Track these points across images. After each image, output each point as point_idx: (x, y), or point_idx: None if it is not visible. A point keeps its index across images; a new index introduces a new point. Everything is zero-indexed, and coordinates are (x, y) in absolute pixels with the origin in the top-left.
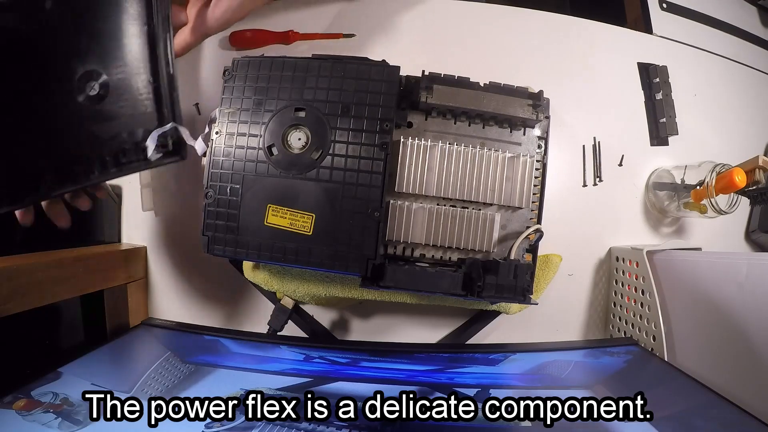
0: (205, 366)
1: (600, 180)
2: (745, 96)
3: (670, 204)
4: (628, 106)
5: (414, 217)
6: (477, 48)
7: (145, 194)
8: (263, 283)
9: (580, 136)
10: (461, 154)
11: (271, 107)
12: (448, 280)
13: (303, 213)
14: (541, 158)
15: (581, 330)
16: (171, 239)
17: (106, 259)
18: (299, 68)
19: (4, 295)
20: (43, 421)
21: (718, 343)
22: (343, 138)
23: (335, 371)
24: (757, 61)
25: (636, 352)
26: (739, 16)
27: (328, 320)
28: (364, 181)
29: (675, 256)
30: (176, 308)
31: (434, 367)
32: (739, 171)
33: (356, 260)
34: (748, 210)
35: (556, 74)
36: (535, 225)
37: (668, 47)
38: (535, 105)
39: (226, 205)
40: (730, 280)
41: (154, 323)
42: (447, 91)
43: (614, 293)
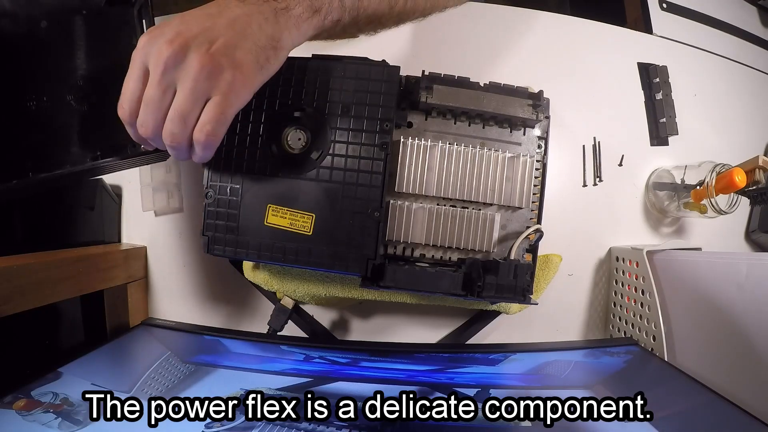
0: (205, 366)
1: (600, 180)
2: (745, 96)
3: (670, 204)
4: (628, 106)
5: (414, 217)
6: (477, 48)
7: (145, 194)
8: (263, 283)
9: (580, 136)
10: (461, 154)
11: (271, 107)
12: (448, 280)
13: (303, 213)
14: (541, 158)
15: (581, 330)
16: (171, 239)
17: (106, 259)
18: (299, 68)
19: (4, 295)
20: (43, 421)
21: (718, 343)
22: (343, 138)
23: (335, 371)
24: (757, 61)
25: (636, 352)
26: (739, 16)
27: (328, 320)
28: (364, 181)
29: (675, 256)
30: (176, 308)
31: (434, 367)
32: (739, 171)
33: (356, 260)
34: (748, 210)
35: (556, 74)
36: (535, 225)
37: (668, 47)
38: (535, 105)
39: (226, 205)
40: (730, 280)
41: (154, 323)
42: (447, 91)
43: (614, 293)
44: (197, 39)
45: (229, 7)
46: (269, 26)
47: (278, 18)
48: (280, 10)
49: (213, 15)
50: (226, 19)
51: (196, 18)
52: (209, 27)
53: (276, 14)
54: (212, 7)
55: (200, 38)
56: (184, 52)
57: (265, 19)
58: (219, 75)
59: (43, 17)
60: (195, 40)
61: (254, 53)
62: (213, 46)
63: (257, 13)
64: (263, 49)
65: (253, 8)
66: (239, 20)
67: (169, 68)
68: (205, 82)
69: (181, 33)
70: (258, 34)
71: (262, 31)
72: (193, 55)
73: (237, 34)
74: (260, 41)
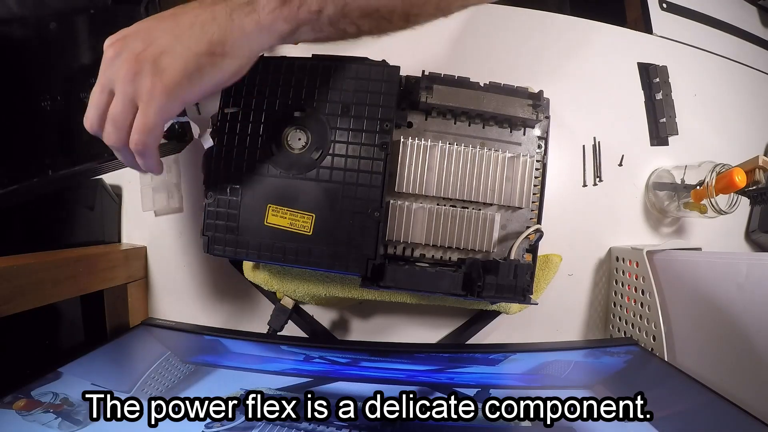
0: (205, 366)
1: (600, 180)
2: (745, 96)
3: (670, 204)
4: (628, 106)
5: (414, 217)
6: (477, 48)
7: (145, 194)
8: (263, 283)
9: (580, 136)
10: (461, 154)
11: (271, 107)
12: (448, 280)
13: (303, 213)
14: (541, 158)
15: (581, 330)
16: (171, 239)
17: (106, 259)
18: (299, 68)
19: (4, 295)
20: (43, 421)
21: (718, 343)
22: (343, 138)
23: (335, 371)
24: (757, 61)
25: (636, 352)
26: (739, 16)
27: (328, 320)
28: (364, 181)
29: (675, 256)
30: (176, 308)
31: (434, 367)
32: (739, 171)
33: (356, 260)
34: (748, 210)
35: (556, 74)
36: (535, 225)
37: (668, 47)
38: (535, 105)
39: (226, 205)
40: (730, 280)
41: (154, 323)
42: (447, 91)
43: (614, 293)
44: (133, 41)
45: (184, 9)
46: (215, 29)
47: (232, 19)
48: (239, 7)
49: (164, 18)
50: (171, 21)
51: (147, 21)
52: (148, 29)
53: (230, 15)
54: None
55: (136, 41)
56: (118, 53)
57: (212, 21)
58: (139, 80)
59: (52, 19)
60: (131, 43)
61: (184, 59)
62: (145, 49)
63: (207, 15)
64: (197, 56)
65: (205, 10)
66: (182, 23)
67: (106, 69)
68: (129, 85)
69: (124, 36)
70: (197, 38)
71: (204, 34)
72: (123, 56)
73: (172, 38)
74: (197, 47)
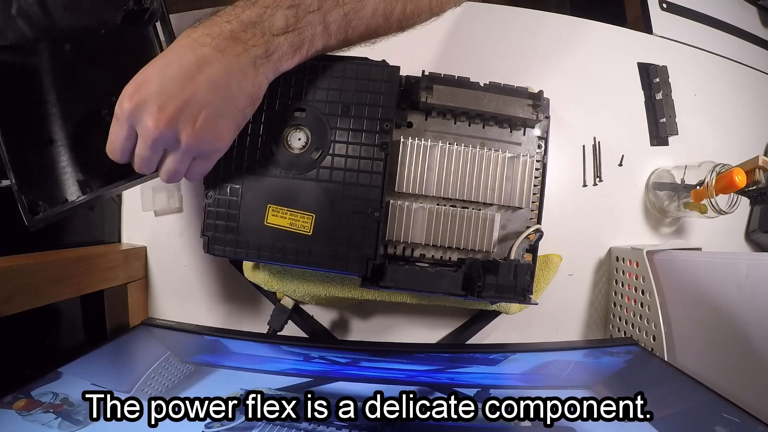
0: (205, 366)
1: (600, 180)
2: (745, 96)
3: (670, 204)
4: (628, 106)
5: (414, 217)
6: (477, 48)
7: (145, 194)
8: (263, 283)
9: (580, 136)
10: (461, 154)
11: (271, 107)
12: (448, 280)
13: (303, 213)
14: (541, 158)
15: (581, 330)
16: (171, 239)
17: (106, 259)
18: (299, 68)
19: (4, 295)
20: (43, 421)
21: (718, 343)
22: (343, 138)
23: (335, 371)
24: (757, 61)
25: (636, 352)
26: (739, 16)
27: (328, 320)
28: (364, 181)
29: (675, 256)
30: (176, 308)
31: (434, 367)
32: (739, 171)
33: (356, 260)
34: (748, 210)
35: (556, 74)
36: (535, 225)
37: (668, 47)
38: (535, 105)
39: (226, 205)
40: (730, 280)
41: (154, 323)
42: (447, 91)
43: (614, 293)
44: (183, 114)
45: (207, 61)
46: (248, 83)
47: (257, 69)
48: (259, 58)
49: (192, 76)
50: (206, 82)
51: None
52: (191, 96)
53: (255, 65)
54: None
55: (186, 113)
56: (172, 127)
57: (244, 75)
58: (200, 147)
59: (65, 41)
60: (182, 115)
61: (234, 118)
62: (197, 121)
63: (236, 69)
64: (242, 111)
65: (232, 61)
66: (219, 82)
67: (159, 141)
68: (189, 155)
69: (165, 107)
70: (238, 96)
71: (242, 90)
72: (181, 134)
73: (219, 101)
74: (240, 103)
